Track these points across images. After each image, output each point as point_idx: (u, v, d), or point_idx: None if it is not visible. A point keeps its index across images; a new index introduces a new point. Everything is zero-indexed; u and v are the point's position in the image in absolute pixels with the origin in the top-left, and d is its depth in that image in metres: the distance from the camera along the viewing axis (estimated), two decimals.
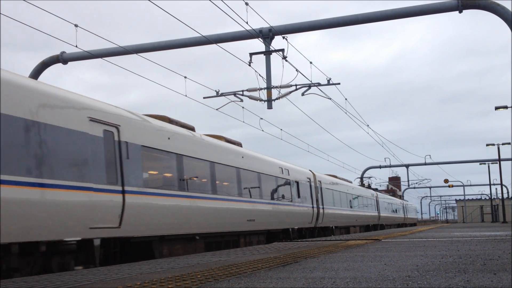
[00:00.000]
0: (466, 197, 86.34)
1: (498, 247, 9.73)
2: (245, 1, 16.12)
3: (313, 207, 25.35)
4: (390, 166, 58.57)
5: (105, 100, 15.27)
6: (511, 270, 5.62)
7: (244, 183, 18.18)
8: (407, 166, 60.65)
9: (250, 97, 19.32)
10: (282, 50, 18.30)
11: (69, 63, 21.24)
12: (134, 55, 18.61)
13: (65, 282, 5.80)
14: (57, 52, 21.11)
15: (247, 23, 16.34)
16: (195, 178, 15.14)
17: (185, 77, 18.81)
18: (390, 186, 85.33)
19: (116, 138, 11.52)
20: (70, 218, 9.96)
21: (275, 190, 21.15)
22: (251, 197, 18.66)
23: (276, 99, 19.01)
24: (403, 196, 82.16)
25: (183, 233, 14.04)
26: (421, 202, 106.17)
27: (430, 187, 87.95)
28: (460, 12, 16.98)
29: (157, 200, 12.79)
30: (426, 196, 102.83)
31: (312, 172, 26.71)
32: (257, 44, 19.28)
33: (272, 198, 20.68)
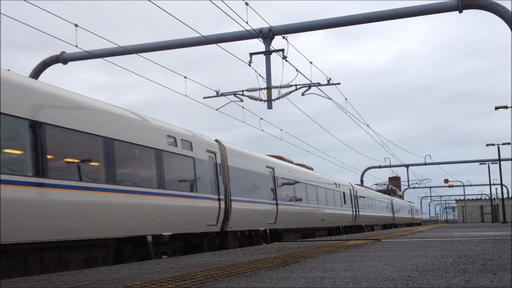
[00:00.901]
0: (466, 197, 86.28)
1: (498, 247, 9.73)
2: (245, 1, 16.11)
3: (352, 210, 33.57)
4: (390, 166, 58.63)
5: (108, 100, 16.37)
6: (511, 270, 5.61)
7: (319, 195, 26.90)
8: (407, 166, 60.65)
9: (250, 97, 19.30)
10: (282, 50, 18.28)
11: (70, 63, 21.25)
12: (137, 55, 18.56)
13: (65, 282, 5.80)
14: (58, 52, 21.09)
15: (247, 23, 16.34)
16: (300, 193, 23.77)
17: (185, 77, 18.81)
18: (390, 186, 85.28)
19: (273, 175, 20.71)
20: (262, 218, 19.16)
21: (333, 199, 29.49)
22: (323, 204, 27.43)
23: (276, 99, 19.00)
24: (403, 196, 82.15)
25: (294, 228, 23.33)
26: (421, 202, 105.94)
27: (430, 187, 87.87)
28: (460, 12, 16.96)
29: (287, 208, 21.61)
30: (426, 196, 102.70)
31: (351, 184, 35.00)
32: (257, 44, 19.27)
33: (333, 205, 29.14)
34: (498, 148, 51.08)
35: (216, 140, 16.93)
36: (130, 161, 12.04)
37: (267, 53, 18.43)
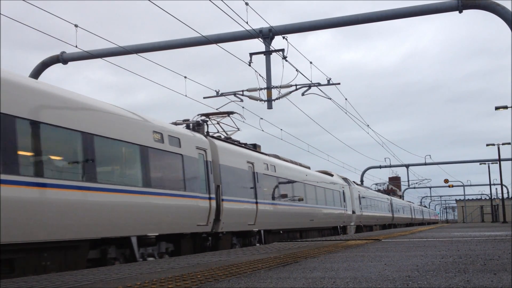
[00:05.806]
0: (466, 197, 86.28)
1: (498, 247, 9.73)
2: (245, 1, 16.11)
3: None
4: (390, 166, 58.70)
5: (114, 102, 16.42)
6: (511, 270, 5.62)
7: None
8: (407, 166, 60.70)
9: (250, 97, 19.31)
10: (282, 50, 18.28)
11: (78, 62, 21.29)
12: (141, 55, 18.50)
13: (65, 282, 5.80)
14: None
15: (247, 23, 16.34)
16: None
17: (185, 77, 18.81)
18: (390, 186, 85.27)
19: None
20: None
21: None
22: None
23: (276, 99, 19.00)
24: (403, 197, 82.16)
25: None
26: (421, 202, 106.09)
27: (430, 187, 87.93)
28: (460, 12, 16.92)
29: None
30: (426, 196, 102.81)
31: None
32: (258, 44, 19.27)
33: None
34: (498, 148, 51.07)
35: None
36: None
37: (267, 53, 18.43)
